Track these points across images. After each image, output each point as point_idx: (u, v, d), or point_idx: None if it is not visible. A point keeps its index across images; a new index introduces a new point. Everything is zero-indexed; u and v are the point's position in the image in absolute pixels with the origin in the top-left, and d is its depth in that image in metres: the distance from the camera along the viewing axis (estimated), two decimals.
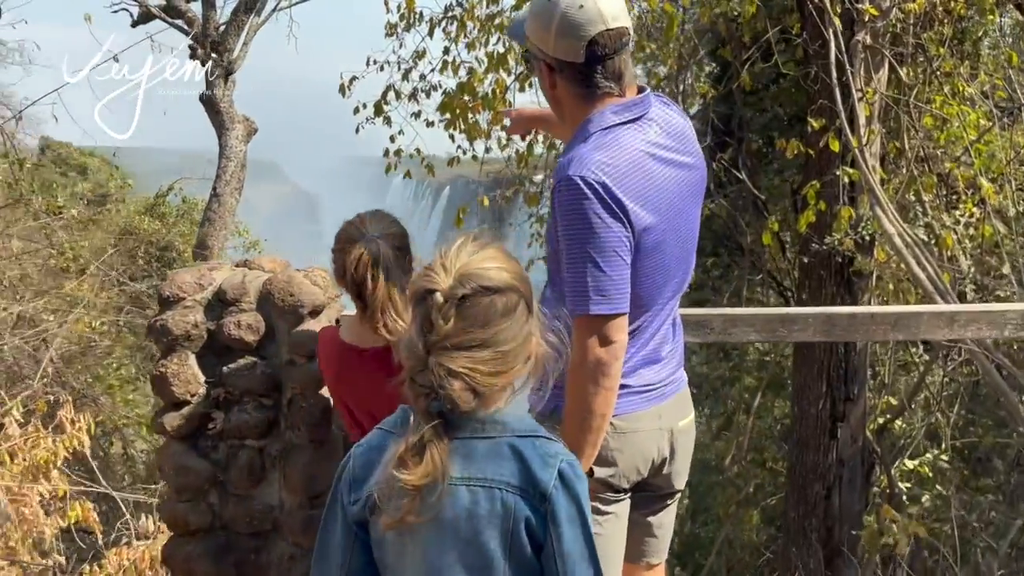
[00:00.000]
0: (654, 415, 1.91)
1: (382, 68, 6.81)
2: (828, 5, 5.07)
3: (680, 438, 1.98)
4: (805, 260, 6.51)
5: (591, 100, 1.80)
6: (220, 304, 2.27)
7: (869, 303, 6.41)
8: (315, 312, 2.28)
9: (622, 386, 1.85)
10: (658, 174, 1.78)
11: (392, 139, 6.91)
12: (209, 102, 12.74)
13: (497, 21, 5.67)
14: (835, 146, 5.50)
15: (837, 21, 5.07)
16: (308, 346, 2.25)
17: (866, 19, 5.40)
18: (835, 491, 6.71)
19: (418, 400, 1.26)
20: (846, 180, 5.81)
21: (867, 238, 6.03)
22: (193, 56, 12.92)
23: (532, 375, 1.35)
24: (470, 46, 5.99)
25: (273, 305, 2.25)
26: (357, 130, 7.13)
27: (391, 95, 6.75)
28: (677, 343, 2.02)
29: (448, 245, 1.31)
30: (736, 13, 7.01)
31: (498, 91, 5.73)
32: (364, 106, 6.82)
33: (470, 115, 5.87)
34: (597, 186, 1.68)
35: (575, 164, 1.71)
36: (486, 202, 6.08)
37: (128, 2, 14.12)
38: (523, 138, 2.42)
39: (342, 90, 6.84)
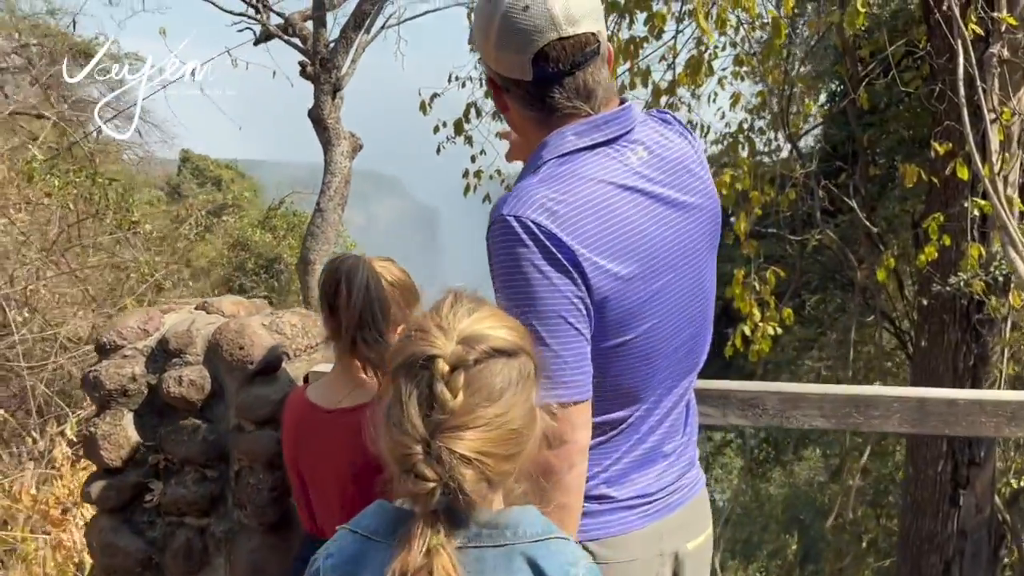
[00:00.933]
0: (652, 535, 1.42)
1: (464, 84, 6.50)
2: (956, 13, 4.38)
3: (689, 563, 1.48)
4: (925, 302, 5.74)
5: (549, 123, 1.36)
6: (164, 354, 1.93)
7: (1001, 355, 5.59)
8: (270, 369, 1.91)
9: (605, 498, 1.38)
10: (635, 213, 1.31)
11: (473, 159, 6.59)
12: (316, 118, 12.92)
13: None
14: (963, 174, 4.79)
15: (969, 31, 4.38)
16: (258, 410, 1.87)
17: (1002, 29, 4.68)
18: (955, 566, 5.88)
19: (418, 497, 1.00)
20: (976, 213, 5.06)
21: (1000, 280, 5.24)
22: (303, 74, 13.15)
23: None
24: None
25: (221, 358, 1.89)
26: (438, 150, 6.83)
27: (472, 113, 6.42)
28: (689, 434, 1.52)
29: (436, 305, 1.08)
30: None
31: None
32: (444, 124, 6.52)
33: None
34: (536, 229, 1.23)
35: (512, 201, 1.27)
36: None
37: (249, 21, 14.58)
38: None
39: (423, 108, 6.57)
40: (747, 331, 5.38)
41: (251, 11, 14.58)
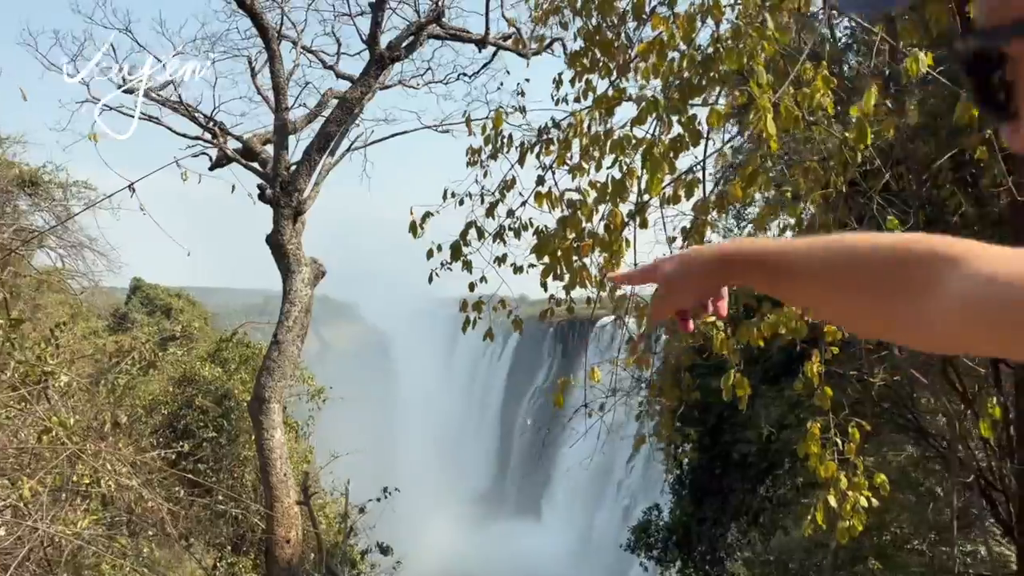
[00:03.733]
0: None
1: (462, 202, 5.50)
2: None
3: None
4: None
5: None
6: None
7: None
8: None
9: None
10: None
11: (472, 287, 5.53)
12: (276, 244, 11.76)
13: (616, 136, 4.32)
14: None
15: None
16: None
17: None
18: None
19: None
20: None
21: None
22: (262, 197, 12.07)
23: None
24: (575, 171, 4.63)
25: None
26: (430, 279, 5.72)
27: (472, 234, 5.39)
28: None
29: None
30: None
31: (614, 226, 4.32)
32: (439, 248, 5.46)
33: (575, 259, 4.46)
34: None
35: None
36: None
37: (205, 145, 13.60)
38: (685, 323, 0.87)
39: (413, 229, 5.52)
40: (833, 502, 4.27)
41: (207, 135, 13.61)
